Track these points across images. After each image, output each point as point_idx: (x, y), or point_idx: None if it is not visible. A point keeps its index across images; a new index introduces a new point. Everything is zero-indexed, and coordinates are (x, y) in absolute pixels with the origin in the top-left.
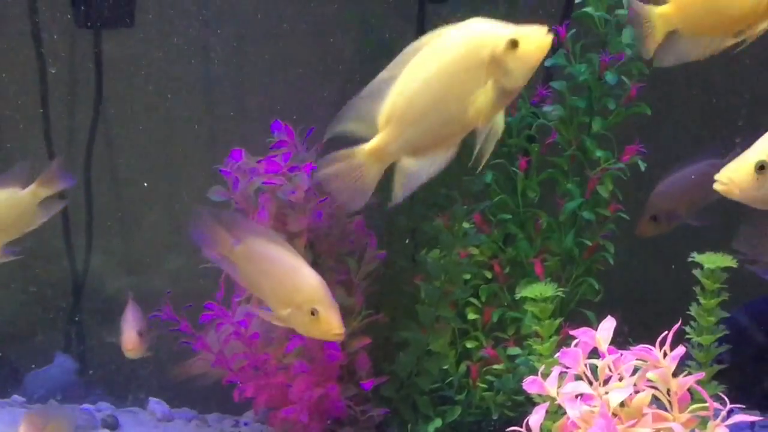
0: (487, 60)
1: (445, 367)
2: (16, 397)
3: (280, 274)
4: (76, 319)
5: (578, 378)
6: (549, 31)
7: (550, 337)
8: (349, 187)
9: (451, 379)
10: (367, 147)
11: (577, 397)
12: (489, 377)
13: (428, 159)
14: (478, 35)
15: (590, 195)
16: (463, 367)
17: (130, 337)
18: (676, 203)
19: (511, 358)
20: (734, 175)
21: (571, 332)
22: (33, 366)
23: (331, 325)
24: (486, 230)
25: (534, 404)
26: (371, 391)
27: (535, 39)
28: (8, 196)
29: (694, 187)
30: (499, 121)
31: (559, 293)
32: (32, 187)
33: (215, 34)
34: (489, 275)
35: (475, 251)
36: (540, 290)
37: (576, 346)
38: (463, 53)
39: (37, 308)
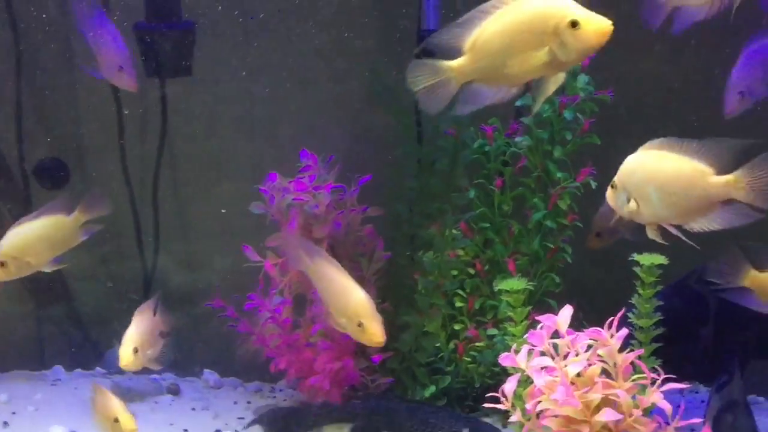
0: (550, 30)
1: (437, 345)
2: (98, 369)
3: (337, 292)
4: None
5: (543, 354)
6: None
7: (522, 321)
8: (431, 92)
9: (442, 354)
10: (453, 63)
11: (542, 369)
12: (472, 353)
13: (493, 89)
14: (551, 6)
15: (552, 207)
16: (451, 345)
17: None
18: (613, 221)
19: (490, 337)
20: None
21: (538, 318)
22: (111, 345)
23: (375, 335)
24: (470, 236)
25: (508, 375)
26: (379, 364)
27: (595, 25)
28: (56, 221)
29: None
30: (551, 82)
31: (528, 286)
32: (75, 213)
33: (255, 81)
34: (472, 271)
35: (461, 252)
36: (513, 284)
37: (541, 328)
38: (535, 16)
39: (114, 299)
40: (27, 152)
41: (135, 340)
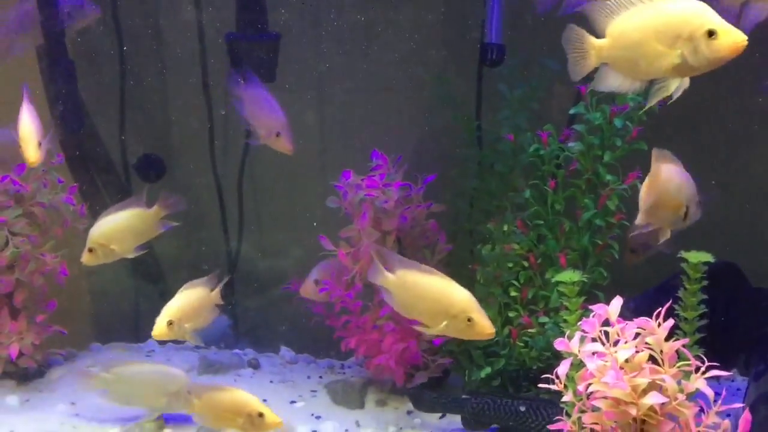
0: (685, 35)
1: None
2: (188, 343)
3: (436, 294)
4: (231, 288)
5: (594, 340)
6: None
7: (575, 310)
8: (574, 59)
9: (497, 339)
10: (595, 41)
11: (594, 354)
12: (525, 338)
13: (621, 77)
14: (691, 11)
15: (601, 207)
16: (506, 330)
17: (307, 282)
18: (647, 238)
19: (541, 324)
20: None
21: (591, 307)
22: None
23: (485, 327)
24: (525, 231)
25: (559, 359)
26: (440, 346)
27: (731, 38)
28: (139, 213)
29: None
30: (674, 84)
31: (582, 278)
32: (155, 207)
33: (332, 87)
34: (526, 264)
35: (516, 246)
36: (569, 276)
37: (594, 317)
38: (675, 18)
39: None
40: (128, 148)
41: (172, 313)
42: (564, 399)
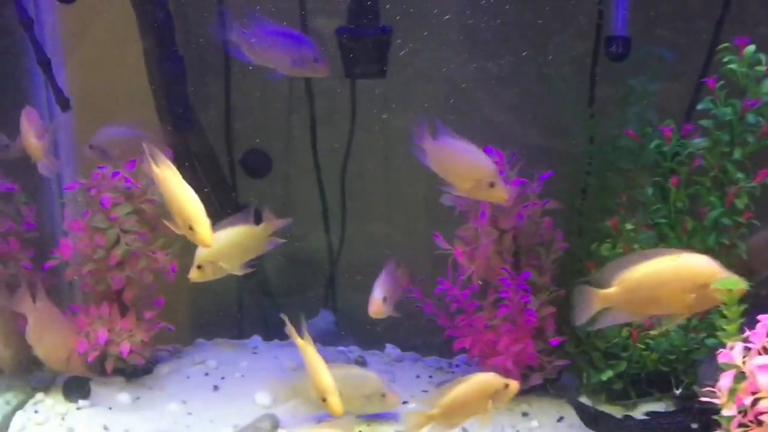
0: (694, 288)
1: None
2: (291, 341)
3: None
4: (333, 283)
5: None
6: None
7: (736, 319)
8: (577, 306)
9: (616, 340)
10: (601, 292)
11: (761, 367)
12: (647, 340)
13: (625, 314)
14: (699, 267)
15: (729, 205)
16: (625, 332)
17: (375, 301)
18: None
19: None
20: None
21: (758, 317)
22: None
23: (503, 193)
24: (646, 230)
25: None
26: (556, 347)
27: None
28: (247, 231)
29: None
30: (677, 319)
31: (749, 287)
32: (263, 224)
33: (443, 85)
34: None
35: (636, 246)
36: (733, 283)
37: (760, 327)
38: (684, 273)
39: (307, 274)
40: (234, 144)
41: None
42: (724, 413)
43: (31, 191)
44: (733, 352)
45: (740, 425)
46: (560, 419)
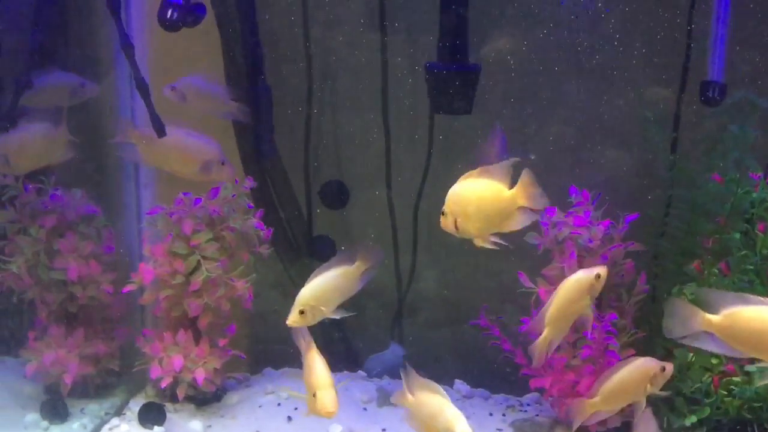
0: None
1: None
2: (360, 372)
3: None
4: (401, 317)
5: None
6: None
7: None
8: (674, 318)
9: (699, 386)
10: (707, 315)
11: None
12: (730, 386)
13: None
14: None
15: None
16: (707, 377)
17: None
18: None
19: (746, 373)
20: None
21: None
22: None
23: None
24: (728, 275)
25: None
26: None
27: None
28: (344, 271)
29: None
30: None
31: None
32: (357, 263)
33: (520, 117)
34: None
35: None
36: None
37: None
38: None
39: (376, 308)
40: (313, 176)
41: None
42: None
43: (109, 214)
44: None
45: None
46: None
